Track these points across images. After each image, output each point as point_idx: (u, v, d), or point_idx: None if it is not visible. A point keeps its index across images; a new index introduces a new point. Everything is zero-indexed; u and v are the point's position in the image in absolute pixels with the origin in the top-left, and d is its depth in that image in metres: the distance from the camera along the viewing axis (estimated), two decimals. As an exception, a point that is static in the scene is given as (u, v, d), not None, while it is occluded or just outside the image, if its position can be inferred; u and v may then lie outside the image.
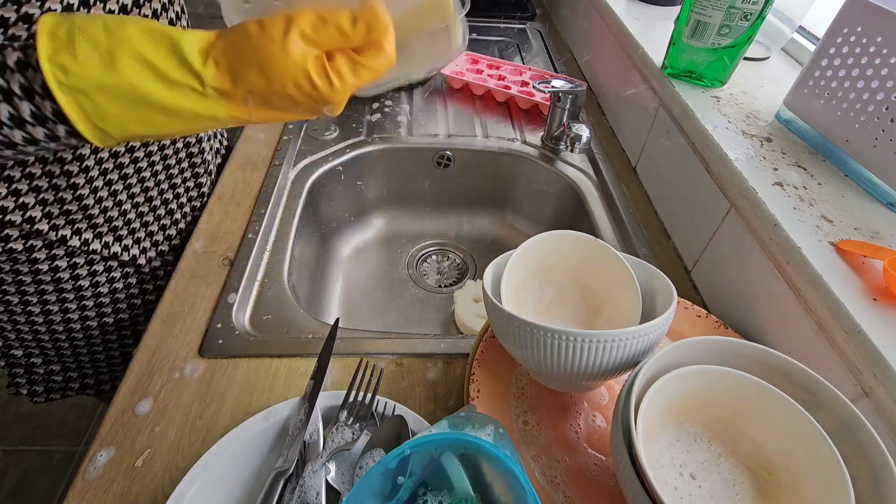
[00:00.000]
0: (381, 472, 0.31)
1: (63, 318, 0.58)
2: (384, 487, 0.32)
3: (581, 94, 0.70)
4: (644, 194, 0.69)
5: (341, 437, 0.39)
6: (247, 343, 0.48)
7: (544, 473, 0.38)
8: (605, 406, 0.43)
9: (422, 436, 0.32)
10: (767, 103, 0.58)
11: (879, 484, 0.29)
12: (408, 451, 0.31)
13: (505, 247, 0.66)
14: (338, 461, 0.38)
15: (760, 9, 0.52)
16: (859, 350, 0.34)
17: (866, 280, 0.38)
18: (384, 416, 0.41)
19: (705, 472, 0.34)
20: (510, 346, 0.38)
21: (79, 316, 0.59)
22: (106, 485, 0.38)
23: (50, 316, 0.57)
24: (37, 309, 0.56)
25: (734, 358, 0.35)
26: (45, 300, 0.56)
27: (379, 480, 0.32)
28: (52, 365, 0.64)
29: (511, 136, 0.79)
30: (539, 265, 0.46)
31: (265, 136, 0.74)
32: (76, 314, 0.59)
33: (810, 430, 0.31)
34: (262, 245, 0.58)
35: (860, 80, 0.45)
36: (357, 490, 0.31)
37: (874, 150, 0.45)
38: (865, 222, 0.43)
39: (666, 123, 0.63)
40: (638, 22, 0.74)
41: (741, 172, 0.47)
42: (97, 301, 0.59)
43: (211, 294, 0.52)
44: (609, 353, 0.34)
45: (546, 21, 1.14)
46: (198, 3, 3.28)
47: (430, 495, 0.33)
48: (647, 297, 0.41)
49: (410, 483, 0.33)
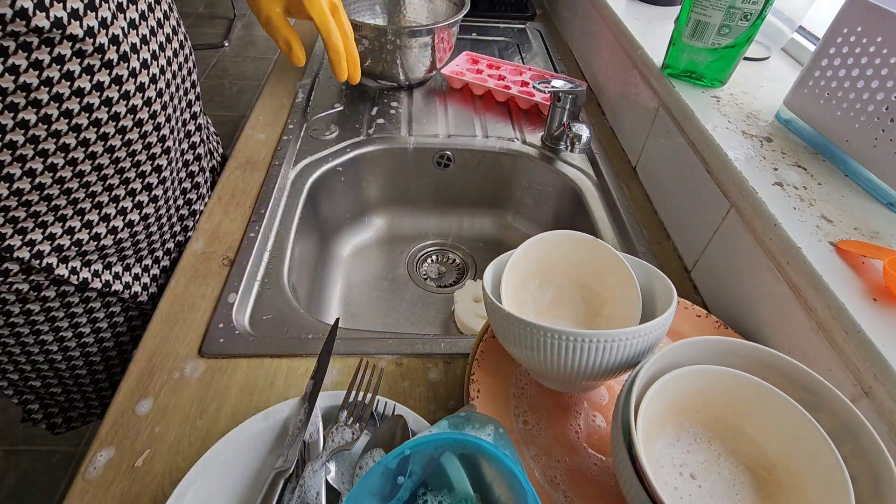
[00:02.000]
0: (380, 472, 0.31)
1: (46, 359, 0.58)
2: (384, 487, 0.32)
3: (581, 94, 0.70)
4: (644, 194, 0.69)
5: (341, 436, 0.39)
6: (247, 343, 0.48)
7: (544, 473, 0.38)
8: (605, 406, 0.44)
9: (421, 436, 0.32)
10: (767, 103, 0.58)
11: (879, 484, 0.29)
12: (407, 451, 0.31)
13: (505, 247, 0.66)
14: (338, 461, 0.38)
15: (760, 9, 0.52)
16: (859, 350, 0.34)
17: (866, 280, 0.38)
18: (384, 415, 0.41)
19: (705, 472, 0.34)
20: (510, 346, 0.38)
21: (58, 347, 0.58)
22: (106, 485, 0.38)
23: (33, 356, 0.56)
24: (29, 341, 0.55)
25: (734, 358, 0.35)
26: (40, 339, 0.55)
27: (379, 480, 0.32)
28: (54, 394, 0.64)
29: (511, 136, 0.79)
30: (539, 265, 0.46)
31: (265, 136, 0.74)
32: (59, 355, 0.58)
33: (810, 430, 0.31)
34: (262, 245, 0.58)
35: (860, 80, 0.45)
36: (357, 490, 0.30)
37: (874, 150, 0.45)
38: (865, 222, 0.43)
39: (666, 123, 0.63)
40: (638, 22, 0.74)
41: (741, 172, 0.47)
42: (76, 332, 0.58)
43: (211, 294, 0.52)
44: (609, 353, 0.34)
45: (546, 21, 1.14)
46: (198, 3, 3.29)
47: (430, 495, 0.33)
48: (647, 297, 0.41)
49: (410, 483, 0.33)
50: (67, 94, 0.41)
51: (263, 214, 0.61)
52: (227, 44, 2.83)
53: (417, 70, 0.83)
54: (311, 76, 0.88)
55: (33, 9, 0.36)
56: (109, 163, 0.48)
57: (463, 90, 0.87)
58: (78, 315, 0.55)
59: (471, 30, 1.07)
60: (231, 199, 0.63)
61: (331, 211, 0.76)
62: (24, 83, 0.39)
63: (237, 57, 2.75)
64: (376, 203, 0.82)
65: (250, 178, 0.66)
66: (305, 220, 0.66)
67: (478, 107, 0.84)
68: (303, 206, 0.65)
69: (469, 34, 1.06)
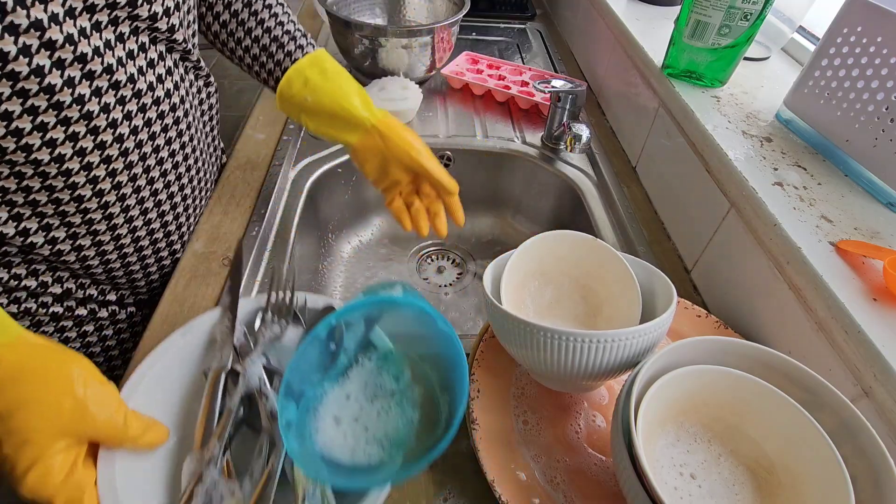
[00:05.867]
0: (313, 343, 0.34)
1: None
2: (322, 359, 0.37)
3: (581, 94, 0.70)
4: (644, 194, 0.69)
5: (271, 332, 0.40)
6: (247, 343, 0.48)
7: (544, 473, 0.38)
8: (605, 406, 0.43)
9: (344, 306, 0.36)
10: (767, 103, 0.58)
11: (879, 484, 0.29)
12: (334, 320, 0.35)
13: (505, 247, 0.66)
14: (272, 354, 0.39)
15: (760, 9, 0.52)
16: (859, 350, 0.34)
17: (866, 280, 0.38)
18: (308, 311, 0.43)
19: (705, 472, 0.34)
20: (510, 346, 0.38)
21: None
22: (106, 485, 0.38)
23: None
24: None
25: (734, 358, 0.35)
26: None
27: (315, 351, 0.35)
28: None
29: (511, 136, 0.79)
30: (539, 265, 0.46)
31: (265, 136, 0.74)
32: None
33: (810, 430, 0.31)
34: (262, 245, 0.58)
35: (860, 80, 0.45)
36: (296, 362, 0.33)
37: (874, 150, 0.45)
38: (865, 222, 0.43)
39: (666, 123, 0.63)
40: (638, 22, 0.74)
41: (741, 172, 0.47)
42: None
43: (211, 294, 0.52)
44: (609, 353, 0.34)
45: (546, 21, 1.14)
46: (198, 3, 3.28)
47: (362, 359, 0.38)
48: (647, 297, 0.41)
49: (346, 360, 0.38)
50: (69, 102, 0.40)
51: (263, 214, 0.61)
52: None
53: (417, 70, 0.83)
54: (311, 76, 0.88)
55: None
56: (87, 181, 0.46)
57: (463, 90, 0.87)
58: (68, 330, 0.54)
59: (471, 30, 1.07)
60: (231, 199, 0.63)
61: (331, 211, 0.76)
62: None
63: (237, 57, 2.75)
64: (376, 203, 0.82)
65: (250, 178, 0.66)
66: (305, 220, 0.66)
67: (478, 107, 0.84)
68: (303, 206, 0.65)
69: (469, 34, 1.06)
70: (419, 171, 0.52)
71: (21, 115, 0.37)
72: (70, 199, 0.44)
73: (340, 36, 0.81)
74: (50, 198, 0.43)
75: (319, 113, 0.51)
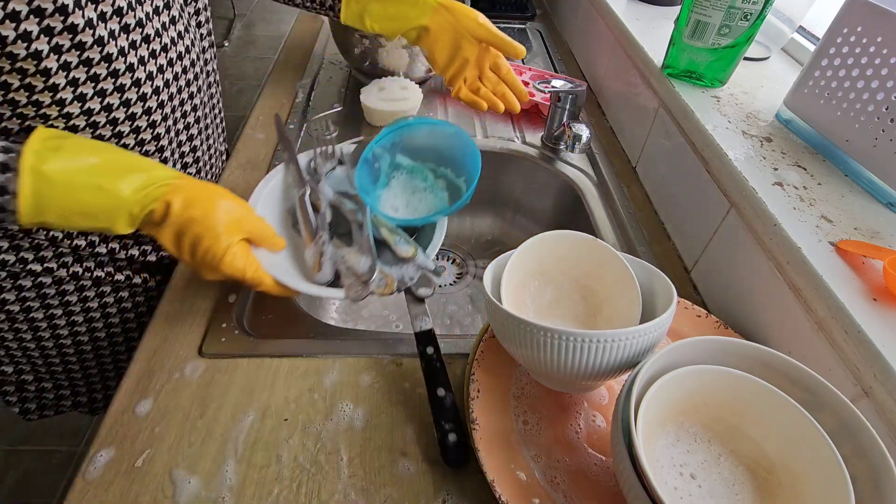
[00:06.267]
0: (364, 164, 0.50)
1: (53, 335, 0.57)
2: (371, 174, 0.53)
3: (581, 94, 0.70)
4: (644, 194, 0.69)
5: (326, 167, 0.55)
6: (247, 343, 0.48)
7: (544, 473, 0.38)
8: (605, 406, 0.44)
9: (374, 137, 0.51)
10: (767, 103, 0.58)
11: (879, 484, 0.29)
12: (374, 146, 0.51)
13: (505, 247, 0.66)
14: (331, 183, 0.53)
15: (760, 9, 0.52)
16: (859, 350, 0.34)
17: (866, 280, 0.38)
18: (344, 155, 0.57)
19: (705, 472, 0.34)
20: (510, 346, 0.38)
21: (69, 332, 0.58)
22: (106, 485, 0.38)
23: (39, 332, 0.56)
24: (24, 326, 0.55)
25: (734, 358, 0.35)
26: (31, 318, 0.55)
27: (367, 168, 0.51)
28: (44, 382, 0.63)
29: (511, 136, 0.79)
30: (539, 265, 0.46)
31: (265, 136, 0.74)
32: (66, 331, 0.58)
33: (810, 430, 0.31)
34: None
35: (860, 80, 0.45)
36: (358, 175, 0.49)
37: (874, 150, 0.45)
38: (865, 222, 0.43)
39: (666, 123, 0.63)
40: (638, 22, 0.74)
41: (741, 172, 0.47)
42: (87, 317, 0.58)
43: (211, 294, 0.52)
44: (609, 353, 0.34)
45: (546, 21, 1.14)
46: (198, 3, 3.29)
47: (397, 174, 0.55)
48: (647, 297, 0.41)
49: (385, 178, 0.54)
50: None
51: (263, 214, 0.61)
52: (227, 44, 2.83)
53: (417, 70, 0.83)
54: (311, 76, 0.88)
55: (27, 11, 0.36)
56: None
57: (463, 90, 0.87)
58: (71, 300, 0.55)
59: (471, 30, 1.07)
60: (231, 199, 0.63)
61: (331, 211, 0.76)
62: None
63: (237, 57, 2.75)
64: (376, 203, 0.82)
65: (250, 178, 0.66)
66: (305, 220, 0.66)
67: (478, 107, 0.84)
68: (303, 205, 0.65)
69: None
70: (488, 37, 0.56)
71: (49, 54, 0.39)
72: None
73: (341, 36, 0.81)
74: None
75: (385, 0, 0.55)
